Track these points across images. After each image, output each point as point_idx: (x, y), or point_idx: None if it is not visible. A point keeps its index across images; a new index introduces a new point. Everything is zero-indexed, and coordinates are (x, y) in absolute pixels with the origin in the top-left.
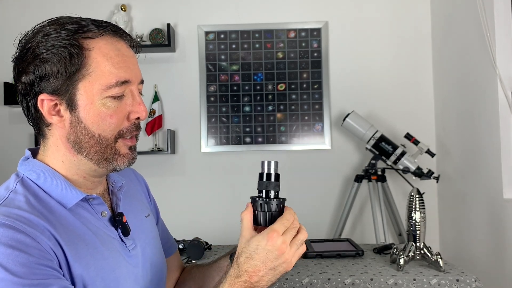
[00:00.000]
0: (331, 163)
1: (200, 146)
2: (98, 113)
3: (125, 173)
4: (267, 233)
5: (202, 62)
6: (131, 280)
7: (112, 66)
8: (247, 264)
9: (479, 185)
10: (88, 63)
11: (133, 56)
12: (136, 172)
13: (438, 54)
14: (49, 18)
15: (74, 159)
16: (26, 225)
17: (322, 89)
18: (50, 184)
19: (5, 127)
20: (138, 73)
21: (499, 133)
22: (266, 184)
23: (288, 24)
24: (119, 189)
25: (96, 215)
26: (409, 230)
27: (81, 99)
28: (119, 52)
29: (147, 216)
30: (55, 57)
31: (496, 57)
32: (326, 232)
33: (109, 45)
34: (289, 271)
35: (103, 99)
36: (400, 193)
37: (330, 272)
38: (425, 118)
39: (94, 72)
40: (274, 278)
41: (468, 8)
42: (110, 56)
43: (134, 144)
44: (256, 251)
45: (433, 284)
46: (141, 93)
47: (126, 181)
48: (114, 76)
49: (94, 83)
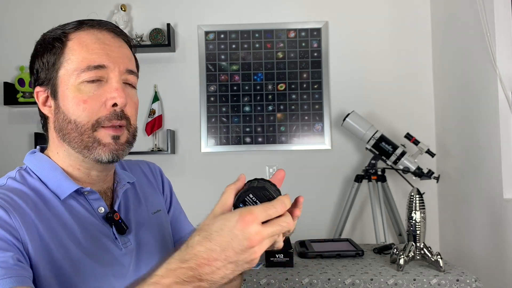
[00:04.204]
0: (331, 163)
1: (200, 146)
2: (72, 98)
3: (134, 170)
4: (240, 213)
5: (202, 62)
6: (115, 279)
7: (87, 52)
8: (201, 247)
9: (479, 185)
10: (66, 52)
11: (119, 46)
12: (152, 165)
13: (438, 54)
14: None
15: (64, 148)
16: (8, 204)
17: (322, 89)
18: (48, 176)
19: (5, 127)
20: (120, 60)
21: (499, 133)
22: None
23: (288, 24)
24: (121, 187)
25: (91, 210)
26: (409, 230)
27: (60, 86)
28: (98, 40)
29: (155, 213)
30: (44, 50)
31: (496, 57)
32: (326, 232)
33: (89, 35)
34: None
35: (78, 84)
36: (400, 193)
37: (330, 272)
38: (425, 118)
39: (69, 60)
40: (231, 275)
41: (468, 8)
42: (86, 44)
43: (118, 134)
44: (219, 232)
45: (433, 284)
46: (132, 85)
47: (137, 178)
48: (86, 60)
49: (69, 69)
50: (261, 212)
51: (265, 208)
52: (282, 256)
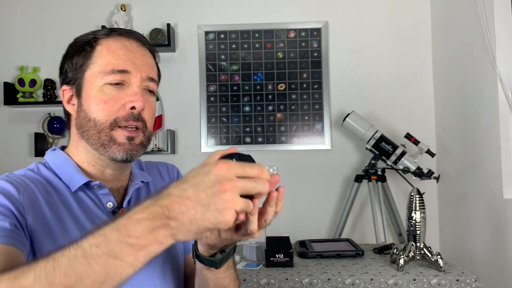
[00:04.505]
0: (331, 163)
1: (200, 146)
2: (95, 97)
3: (152, 171)
4: (217, 161)
5: (202, 62)
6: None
7: (113, 57)
8: (175, 188)
9: (479, 185)
10: (94, 55)
11: (143, 55)
12: (171, 166)
13: (438, 54)
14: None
15: (82, 145)
16: (20, 185)
17: (322, 89)
18: (62, 169)
19: (5, 127)
20: (142, 68)
21: (499, 133)
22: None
23: (288, 24)
24: (133, 185)
25: (99, 204)
26: (409, 230)
27: (85, 86)
28: (124, 47)
29: None
30: (74, 52)
31: (496, 57)
32: (326, 232)
33: (117, 42)
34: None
35: (102, 86)
36: (400, 193)
37: (330, 272)
38: (425, 118)
39: (96, 62)
40: (201, 222)
41: (468, 8)
42: (113, 49)
43: (133, 135)
44: (194, 176)
45: (433, 284)
46: (152, 91)
47: (153, 179)
48: (111, 65)
49: (95, 71)
50: (237, 165)
51: (243, 164)
52: (282, 256)
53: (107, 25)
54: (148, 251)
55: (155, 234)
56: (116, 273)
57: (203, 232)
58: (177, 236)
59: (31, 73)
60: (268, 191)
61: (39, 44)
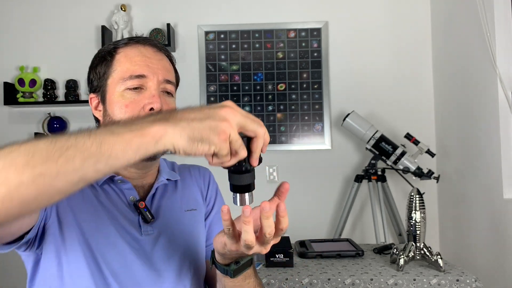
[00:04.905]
0: (331, 163)
1: None
2: (117, 102)
3: (183, 172)
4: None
5: (202, 62)
6: (129, 248)
7: (130, 63)
8: (180, 110)
9: (479, 185)
10: (114, 63)
11: (159, 59)
12: (203, 170)
13: (438, 54)
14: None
15: None
16: None
17: (322, 89)
18: None
19: (4, 127)
20: (159, 71)
21: (499, 133)
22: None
23: (288, 24)
24: (158, 182)
25: (123, 197)
26: (409, 230)
27: (108, 93)
28: (140, 53)
29: (187, 211)
30: (97, 62)
31: (496, 57)
32: (326, 232)
33: (134, 49)
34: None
35: (122, 91)
36: (400, 193)
37: (330, 272)
38: (425, 118)
39: (116, 70)
40: (198, 125)
41: (468, 8)
42: (131, 57)
43: None
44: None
45: (433, 284)
46: (169, 92)
47: (182, 178)
48: (129, 71)
49: (115, 78)
50: (243, 111)
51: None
52: (282, 256)
53: (107, 25)
54: (143, 142)
55: (154, 125)
56: (107, 152)
57: (196, 139)
58: (170, 133)
59: (31, 73)
60: (280, 198)
61: (39, 44)
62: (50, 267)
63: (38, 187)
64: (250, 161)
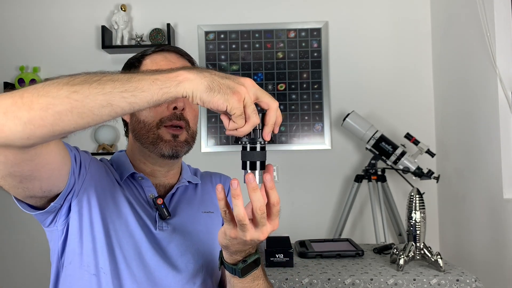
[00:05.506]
0: (331, 163)
1: (200, 146)
2: None
3: (205, 178)
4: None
5: (202, 62)
6: (145, 238)
7: (156, 67)
8: (206, 68)
9: (479, 185)
10: (141, 68)
11: (182, 64)
12: (224, 177)
13: (438, 54)
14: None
15: (137, 146)
16: (91, 158)
17: (322, 89)
18: (118, 163)
19: None
20: None
21: (499, 133)
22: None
23: (288, 24)
24: (179, 183)
25: (142, 194)
26: (409, 230)
27: None
28: (165, 59)
29: (204, 212)
30: (126, 68)
31: (496, 57)
32: (326, 232)
33: (159, 55)
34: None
35: None
36: (400, 193)
37: (330, 272)
38: (425, 118)
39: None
40: (218, 80)
41: (468, 8)
42: (156, 61)
43: (177, 133)
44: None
45: (433, 284)
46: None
47: (203, 183)
48: None
49: None
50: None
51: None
52: (282, 256)
53: (107, 25)
54: (167, 80)
55: (180, 70)
56: (135, 83)
57: (214, 90)
58: (192, 79)
59: (31, 73)
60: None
61: (39, 44)
62: (72, 243)
63: (71, 102)
64: (263, 135)
